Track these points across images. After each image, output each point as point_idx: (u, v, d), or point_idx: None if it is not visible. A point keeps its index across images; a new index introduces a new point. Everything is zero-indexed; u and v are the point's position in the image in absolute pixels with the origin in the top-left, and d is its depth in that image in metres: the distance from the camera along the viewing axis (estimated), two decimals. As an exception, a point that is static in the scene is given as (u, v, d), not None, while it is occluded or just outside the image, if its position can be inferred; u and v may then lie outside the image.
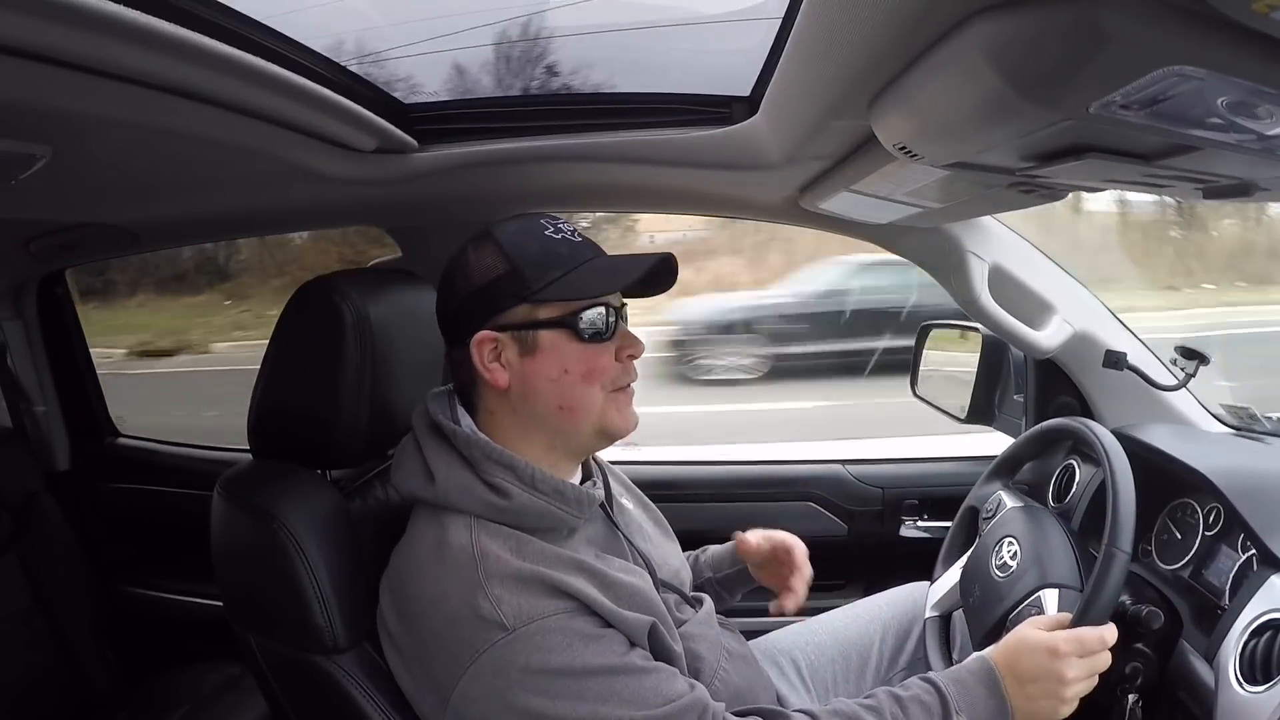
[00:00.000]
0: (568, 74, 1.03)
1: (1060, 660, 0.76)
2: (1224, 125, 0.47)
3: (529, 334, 0.76)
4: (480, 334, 0.76)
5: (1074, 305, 1.22)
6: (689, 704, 0.71)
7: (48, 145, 0.73)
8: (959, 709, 0.75)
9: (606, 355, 0.78)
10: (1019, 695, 0.77)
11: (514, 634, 0.67)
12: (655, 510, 0.99)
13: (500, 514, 0.74)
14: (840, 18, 0.55)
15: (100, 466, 1.67)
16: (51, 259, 1.48)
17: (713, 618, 0.90)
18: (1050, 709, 0.77)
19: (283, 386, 0.86)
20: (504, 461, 0.75)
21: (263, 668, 0.81)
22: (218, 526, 0.82)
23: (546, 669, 0.67)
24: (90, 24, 0.50)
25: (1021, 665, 0.77)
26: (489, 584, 0.69)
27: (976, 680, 0.78)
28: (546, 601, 0.69)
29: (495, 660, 0.67)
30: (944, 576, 1.06)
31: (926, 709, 0.76)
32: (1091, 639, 0.77)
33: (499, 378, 0.76)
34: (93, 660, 1.45)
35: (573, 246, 0.78)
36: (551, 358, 0.76)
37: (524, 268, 0.75)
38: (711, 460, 1.57)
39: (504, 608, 0.68)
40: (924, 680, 0.79)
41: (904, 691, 0.78)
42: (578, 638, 0.69)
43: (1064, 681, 0.76)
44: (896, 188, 0.88)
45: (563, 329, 0.76)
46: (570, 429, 0.78)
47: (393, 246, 1.37)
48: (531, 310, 0.76)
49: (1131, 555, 0.80)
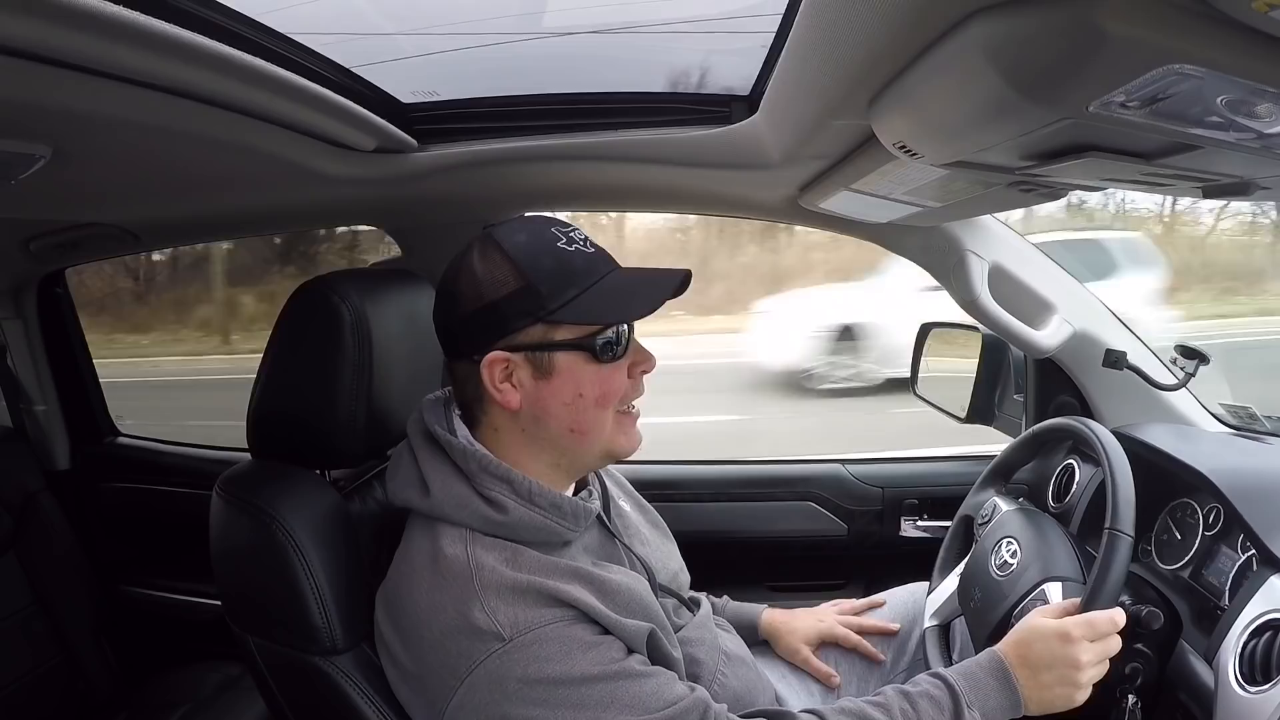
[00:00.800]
0: (567, 73, 1.03)
1: (1073, 645, 0.75)
2: (1224, 124, 0.47)
3: (544, 356, 0.73)
4: (492, 354, 0.73)
5: (1074, 304, 1.22)
6: (690, 705, 0.70)
7: (48, 145, 0.73)
8: (970, 703, 0.74)
9: (620, 374, 0.76)
10: (1033, 684, 0.76)
11: (511, 644, 0.66)
12: (653, 512, 0.98)
13: (496, 528, 0.73)
14: (839, 17, 0.55)
15: (100, 466, 1.67)
16: (51, 259, 1.48)
17: (710, 620, 0.90)
18: (1066, 695, 0.76)
19: (281, 386, 0.86)
20: (501, 475, 0.73)
21: (261, 668, 0.81)
22: (216, 527, 0.82)
23: (544, 678, 0.66)
24: (90, 24, 0.50)
25: (1033, 654, 0.77)
26: (485, 595, 0.68)
27: (987, 673, 0.77)
28: (543, 610, 0.68)
29: (492, 671, 0.66)
30: (941, 586, 1.05)
31: (936, 704, 0.75)
32: (1102, 621, 0.77)
33: (510, 399, 0.73)
34: (93, 660, 1.45)
35: (588, 260, 0.75)
36: (567, 381, 0.73)
37: (539, 285, 0.72)
38: (711, 460, 1.57)
39: (500, 618, 0.67)
40: (932, 675, 0.78)
41: (912, 688, 0.77)
42: (576, 645, 0.68)
43: (1078, 666, 0.75)
44: (896, 187, 0.88)
45: (580, 350, 0.73)
46: (577, 451, 0.77)
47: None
48: (547, 331, 0.73)
49: (1133, 538, 0.80)
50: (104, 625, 1.49)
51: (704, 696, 0.72)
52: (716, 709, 0.72)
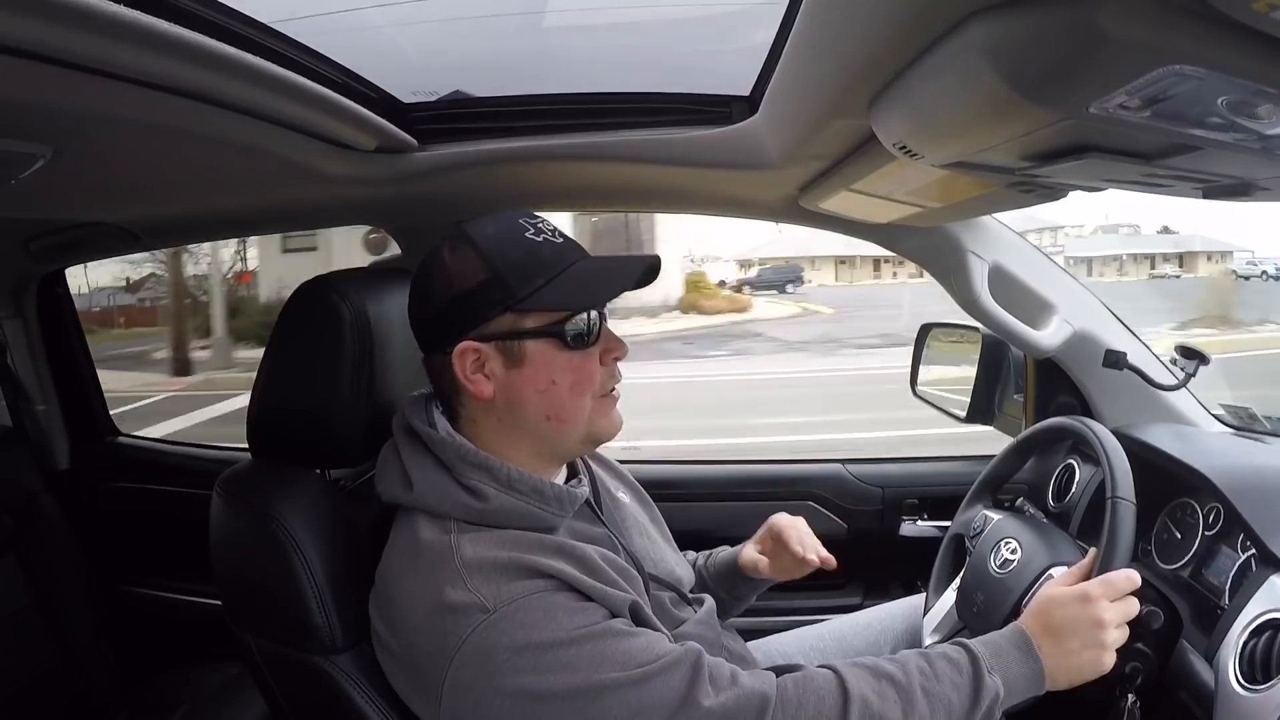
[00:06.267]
0: (568, 73, 1.03)
1: (1094, 605, 0.74)
2: (1224, 124, 0.47)
3: (514, 344, 0.74)
4: (462, 344, 0.74)
5: (1074, 305, 1.22)
6: (681, 655, 0.69)
7: (48, 145, 0.73)
8: (991, 668, 0.72)
9: (592, 361, 0.77)
10: (1057, 653, 0.74)
11: (496, 614, 0.66)
12: (654, 508, 0.97)
13: (478, 516, 0.73)
14: (840, 17, 0.56)
15: (100, 466, 1.67)
16: (51, 259, 1.48)
17: (713, 617, 0.90)
18: (1094, 659, 0.74)
19: (281, 385, 0.86)
20: (479, 463, 0.74)
21: (261, 668, 0.82)
22: (216, 527, 0.82)
23: (532, 644, 0.66)
24: (90, 24, 0.50)
25: (1055, 620, 0.75)
26: (466, 573, 0.68)
27: (1009, 643, 0.75)
28: (526, 582, 0.68)
29: (480, 643, 0.66)
30: (937, 604, 1.05)
31: (955, 665, 0.72)
32: (1120, 580, 0.76)
33: (483, 389, 0.74)
34: (93, 660, 1.45)
35: (556, 249, 0.76)
36: (539, 368, 0.74)
37: (507, 274, 0.73)
38: (711, 460, 1.58)
39: (484, 591, 0.67)
40: (953, 642, 0.76)
41: (931, 650, 0.75)
42: (561, 611, 0.68)
43: (1103, 626, 0.73)
44: (896, 187, 0.88)
45: (550, 338, 0.74)
46: (558, 437, 0.77)
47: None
48: (516, 319, 0.74)
49: (1135, 504, 0.81)
50: (104, 625, 1.49)
51: (695, 647, 0.71)
52: (710, 658, 0.70)
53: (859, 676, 0.71)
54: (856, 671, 0.72)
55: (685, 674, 0.67)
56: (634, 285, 0.78)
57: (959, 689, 0.71)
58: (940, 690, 0.71)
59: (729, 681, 0.69)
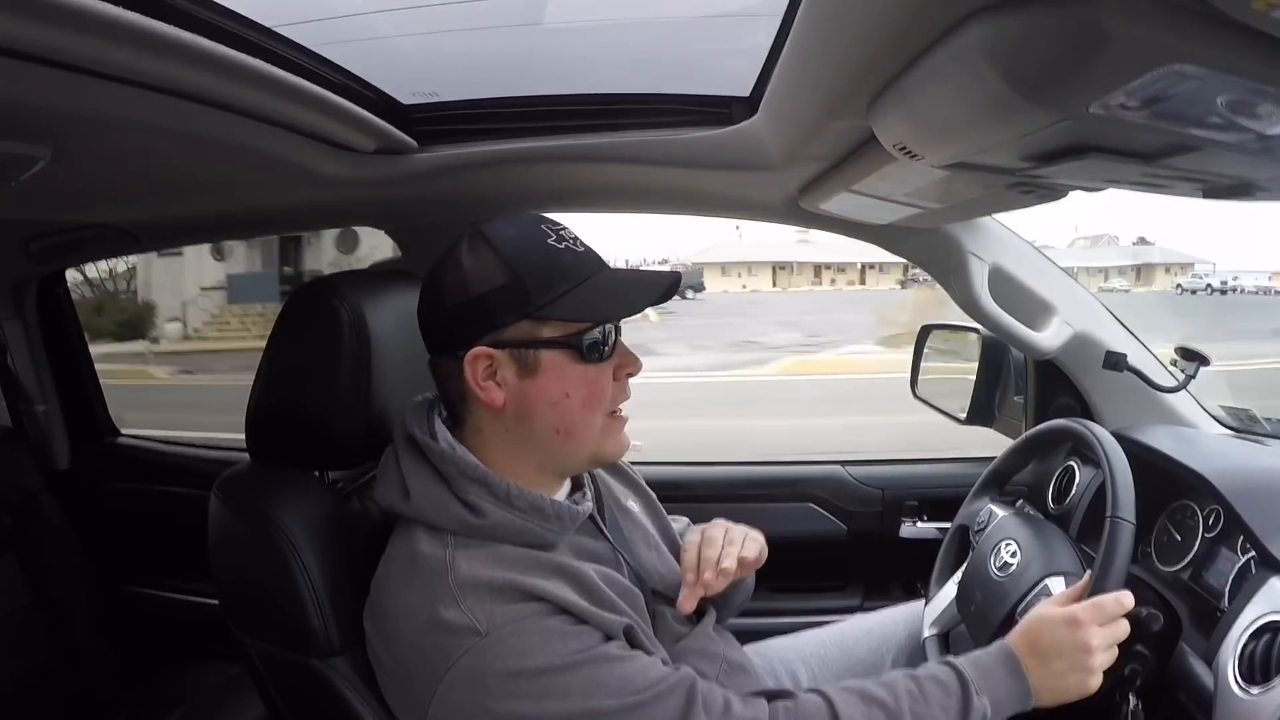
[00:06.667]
0: (567, 74, 1.02)
1: (1082, 630, 0.74)
2: (1224, 124, 0.47)
3: (530, 353, 0.72)
4: (476, 349, 0.72)
5: (1074, 306, 1.22)
6: (676, 682, 0.69)
7: (48, 145, 0.73)
8: (979, 689, 0.73)
9: (606, 375, 0.75)
10: (1044, 673, 0.75)
11: (488, 638, 0.65)
12: (663, 515, 0.96)
13: (475, 531, 0.72)
14: (839, 18, 0.55)
15: (100, 466, 1.68)
16: (51, 260, 1.48)
17: (712, 629, 0.88)
18: (1079, 682, 0.75)
19: (280, 387, 0.86)
20: (478, 479, 0.72)
21: (259, 669, 0.81)
22: (215, 529, 0.82)
23: (526, 670, 0.65)
24: (90, 26, 0.50)
25: (1043, 642, 0.76)
26: (460, 593, 0.67)
27: (996, 662, 0.76)
28: (520, 605, 0.67)
29: (471, 667, 0.65)
30: (938, 596, 1.05)
31: (944, 688, 0.73)
32: (1109, 604, 0.76)
33: (494, 397, 0.72)
34: (93, 659, 1.45)
35: (577, 258, 0.74)
36: (553, 379, 0.72)
37: (527, 280, 0.71)
38: (712, 461, 1.57)
39: (476, 613, 0.66)
40: (941, 662, 0.77)
41: (920, 672, 0.75)
42: (554, 635, 0.67)
43: (1089, 651, 0.74)
44: (896, 188, 0.88)
45: (566, 349, 0.72)
46: (565, 453, 0.76)
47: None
48: (534, 327, 0.72)
49: (1134, 525, 0.80)
50: (104, 625, 1.49)
51: (689, 673, 0.70)
52: (704, 685, 0.70)
53: (849, 703, 0.72)
54: (846, 697, 0.73)
55: (679, 703, 0.68)
56: (655, 301, 0.76)
57: (948, 711, 0.72)
58: (929, 713, 0.72)
59: (721, 712, 0.69)
